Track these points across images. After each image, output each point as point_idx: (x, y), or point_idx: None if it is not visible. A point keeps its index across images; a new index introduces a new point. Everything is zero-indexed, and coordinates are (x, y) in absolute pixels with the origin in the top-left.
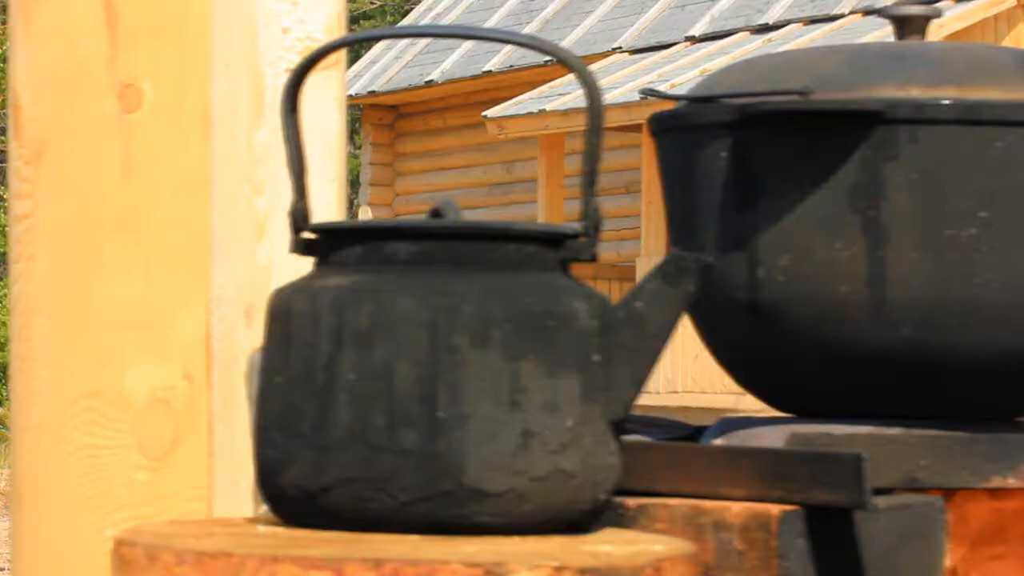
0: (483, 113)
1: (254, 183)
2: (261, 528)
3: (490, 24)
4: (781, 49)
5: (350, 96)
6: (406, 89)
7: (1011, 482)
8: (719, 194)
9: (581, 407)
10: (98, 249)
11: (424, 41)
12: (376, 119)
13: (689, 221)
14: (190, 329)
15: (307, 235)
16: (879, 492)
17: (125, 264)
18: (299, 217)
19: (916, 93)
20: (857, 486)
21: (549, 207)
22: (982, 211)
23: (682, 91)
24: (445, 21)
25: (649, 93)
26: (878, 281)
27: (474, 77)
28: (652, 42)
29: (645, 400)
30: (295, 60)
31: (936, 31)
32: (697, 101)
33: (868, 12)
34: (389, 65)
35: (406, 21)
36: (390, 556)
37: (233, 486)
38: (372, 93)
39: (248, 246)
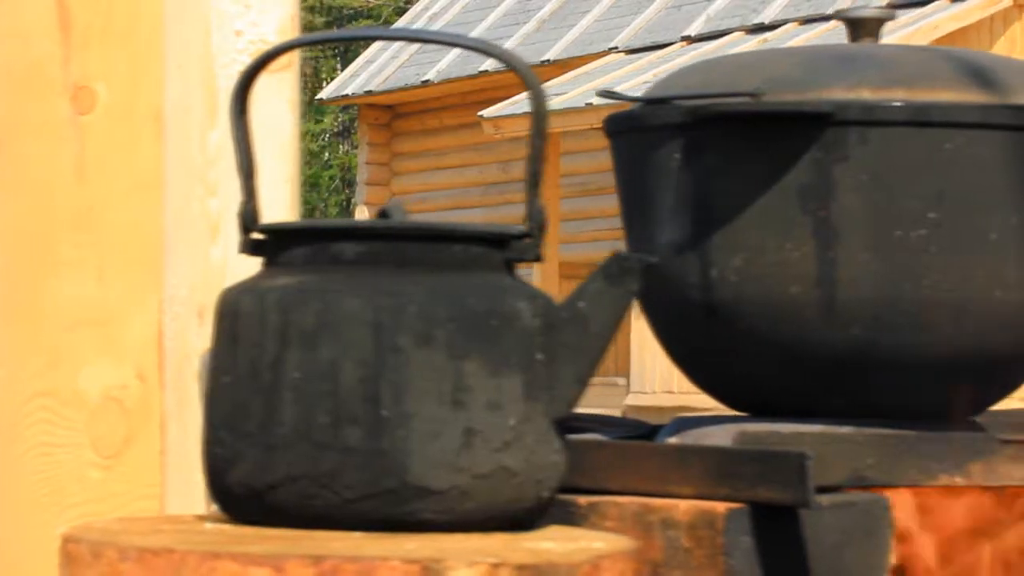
0: (479, 113)
1: (208, 184)
2: (208, 525)
3: (486, 24)
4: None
5: (347, 96)
6: (402, 89)
7: (958, 481)
8: (673, 195)
9: (524, 406)
10: (51, 249)
11: None
12: (372, 119)
13: (644, 221)
14: (143, 329)
15: (256, 235)
16: (826, 490)
17: (78, 264)
18: (248, 218)
19: (866, 95)
20: (801, 484)
21: (545, 207)
22: (931, 212)
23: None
24: (442, 21)
25: (605, 95)
26: (828, 282)
27: (470, 77)
28: (648, 42)
29: (643, 400)
30: (248, 62)
31: (931, 32)
32: (651, 103)
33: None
34: (385, 65)
35: (403, 21)
36: (330, 552)
37: (186, 484)
38: (368, 93)
39: (202, 246)
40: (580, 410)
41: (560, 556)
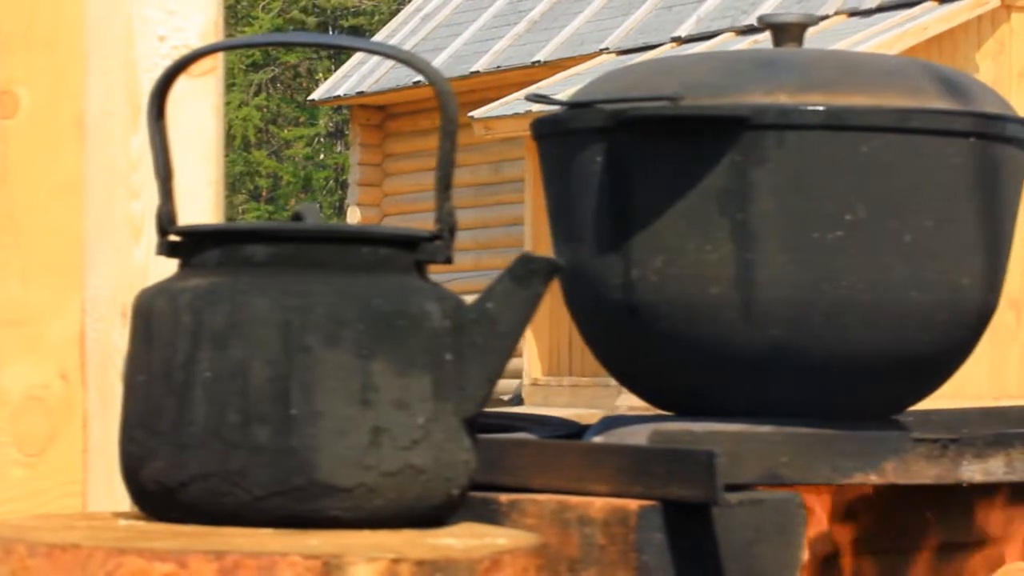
0: (470, 114)
1: (130, 187)
2: (122, 522)
3: (477, 25)
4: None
5: (339, 96)
6: (394, 90)
7: (872, 479)
8: (595, 197)
9: (433, 405)
10: None
11: (413, 41)
12: (364, 120)
13: (568, 223)
14: (65, 329)
15: (173, 237)
16: (740, 488)
17: (1, 266)
18: (165, 220)
19: (783, 99)
20: (710, 482)
21: (536, 207)
22: (848, 214)
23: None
24: (433, 22)
25: (534, 99)
26: (747, 283)
27: (462, 78)
28: (639, 43)
29: (635, 401)
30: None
31: (920, 33)
32: (575, 107)
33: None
34: (377, 66)
35: (395, 22)
36: (232, 548)
37: (108, 481)
38: (360, 94)
39: (125, 248)
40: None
41: (461, 552)
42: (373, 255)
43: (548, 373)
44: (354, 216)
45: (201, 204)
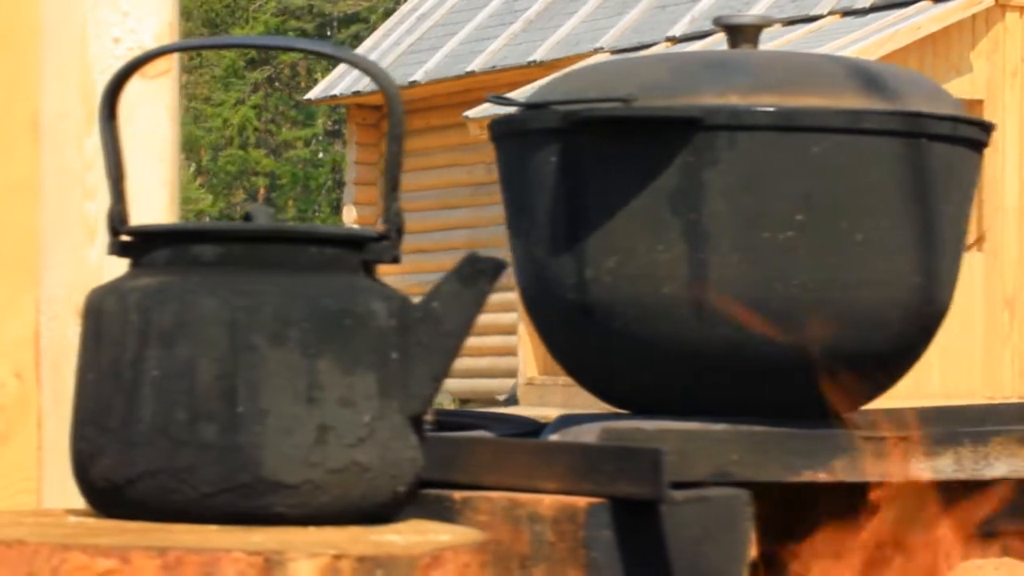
0: (465, 114)
1: (86, 188)
2: (72, 519)
3: (473, 24)
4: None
5: (335, 96)
6: None
7: (822, 476)
8: (550, 197)
9: (379, 403)
10: None
11: (408, 42)
12: (361, 119)
13: (524, 223)
14: (20, 329)
15: (124, 237)
16: (689, 486)
17: None
18: (116, 220)
19: (735, 100)
20: (656, 479)
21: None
22: (799, 214)
23: None
24: (430, 21)
25: (493, 100)
26: (699, 282)
27: (457, 77)
28: (634, 42)
29: None
30: None
31: (913, 33)
32: (531, 108)
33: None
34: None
35: (391, 22)
36: (175, 544)
37: (62, 479)
38: (356, 93)
39: (80, 248)
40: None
41: (402, 548)
42: (321, 255)
43: (543, 372)
44: (350, 215)
45: (156, 205)
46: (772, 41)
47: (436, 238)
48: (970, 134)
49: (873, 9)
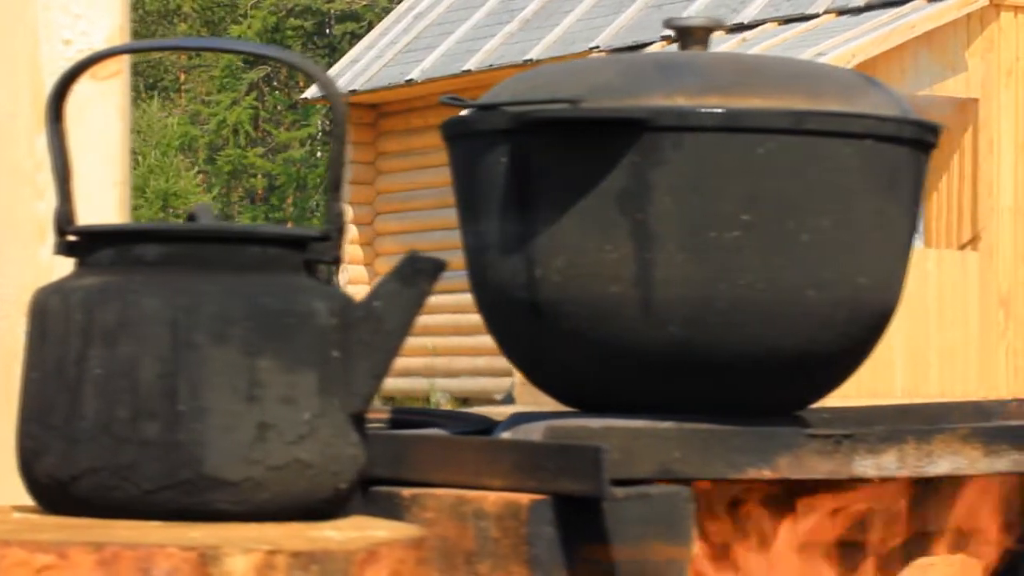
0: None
1: (36, 188)
2: (17, 515)
3: (470, 24)
4: (755, 49)
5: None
6: (386, 88)
7: (766, 474)
8: (500, 197)
9: (319, 401)
10: None
11: (404, 40)
12: (357, 118)
13: (476, 223)
14: None
15: (70, 237)
16: (633, 483)
17: None
18: (63, 220)
19: (681, 102)
20: (597, 476)
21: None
22: (745, 214)
23: None
24: (426, 20)
25: (447, 101)
26: (646, 282)
27: (453, 76)
28: (629, 41)
29: None
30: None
31: (907, 32)
32: (483, 109)
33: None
34: (370, 64)
35: (388, 20)
36: (112, 540)
37: (14, 476)
38: (353, 92)
39: (30, 248)
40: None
41: (337, 544)
42: (262, 255)
43: None
44: (347, 214)
45: (107, 205)
46: (767, 40)
47: (434, 237)
48: (916, 135)
49: (868, 8)
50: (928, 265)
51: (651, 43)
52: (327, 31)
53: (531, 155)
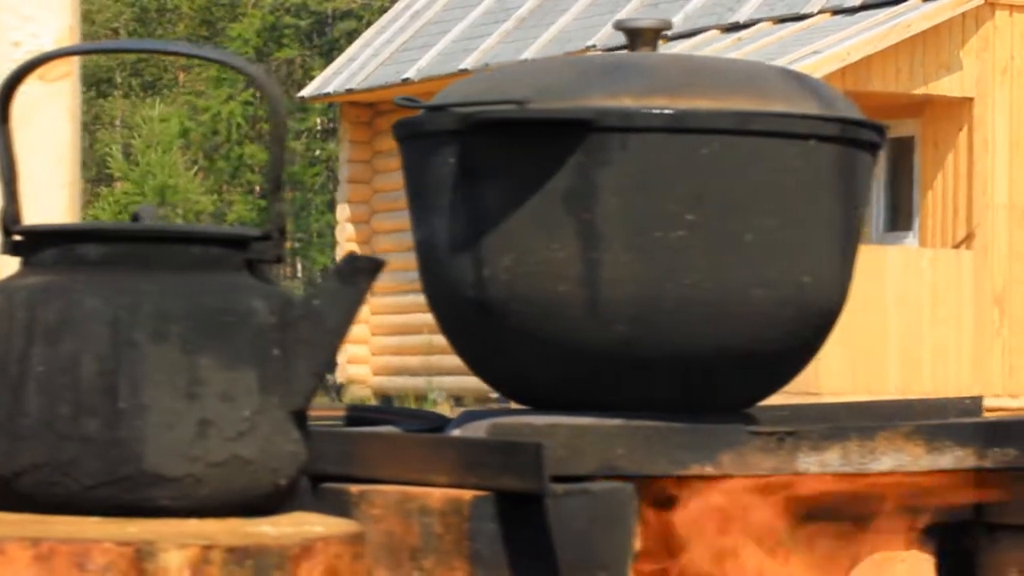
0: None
1: None
2: None
3: (466, 22)
4: (750, 47)
5: (328, 94)
6: (383, 87)
7: (709, 470)
8: (449, 197)
9: (259, 398)
10: None
11: (401, 39)
12: (354, 117)
13: (426, 223)
14: None
15: (16, 237)
16: (578, 479)
17: None
18: (9, 220)
19: (627, 102)
20: (537, 473)
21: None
22: (690, 214)
23: None
24: (423, 19)
25: (401, 102)
26: (592, 281)
27: (450, 75)
28: (625, 40)
29: None
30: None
31: (903, 31)
32: (432, 110)
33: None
34: (366, 63)
35: (385, 18)
36: (48, 535)
37: None
38: (350, 91)
39: None
40: None
41: (273, 539)
42: (203, 254)
43: None
44: (343, 212)
45: (56, 205)
46: (762, 39)
47: None
48: (861, 136)
49: (863, 7)
50: (923, 263)
51: None
52: (324, 30)
53: (479, 155)
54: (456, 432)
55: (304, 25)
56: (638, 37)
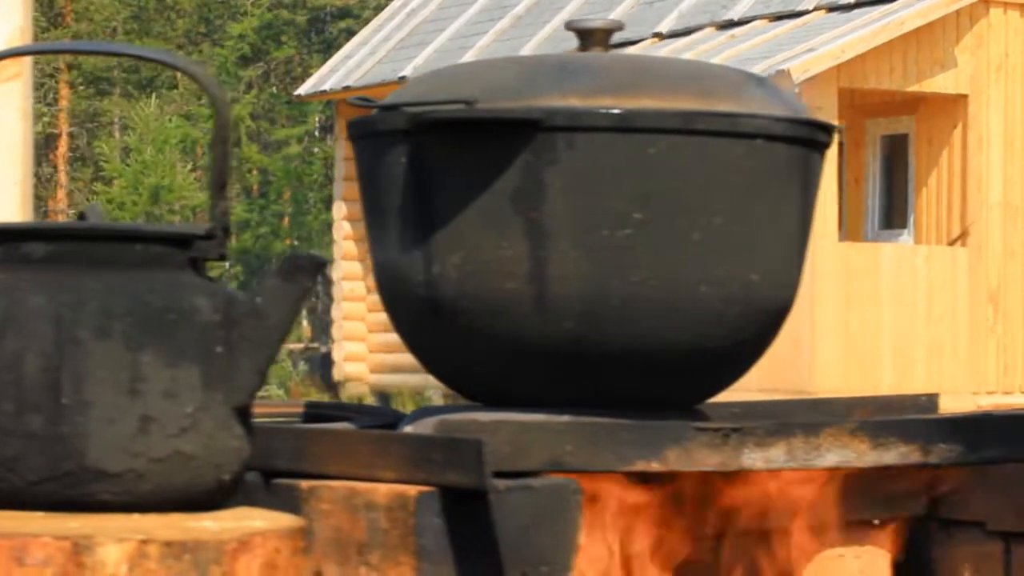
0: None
1: None
2: None
3: (463, 20)
4: (744, 45)
5: (325, 91)
6: (380, 84)
7: (654, 466)
8: (400, 196)
9: (202, 394)
10: None
11: (398, 37)
12: (351, 114)
13: (378, 222)
14: None
15: None
16: (524, 475)
17: None
18: None
19: (575, 102)
20: (479, 469)
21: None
22: (637, 213)
23: None
24: (419, 17)
25: (355, 102)
26: (540, 279)
27: None
28: (620, 39)
29: None
30: None
31: (897, 28)
32: (385, 109)
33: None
34: (363, 61)
35: (382, 17)
36: None
37: None
38: (346, 89)
39: None
40: None
41: (211, 534)
42: (147, 252)
43: None
44: (339, 210)
45: (7, 203)
46: (757, 36)
47: None
48: (807, 134)
49: (858, 5)
50: (917, 261)
51: (642, 40)
52: (322, 28)
53: (429, 155)
54: (408, 429)
55: (301, 23)
56: (589, 37)
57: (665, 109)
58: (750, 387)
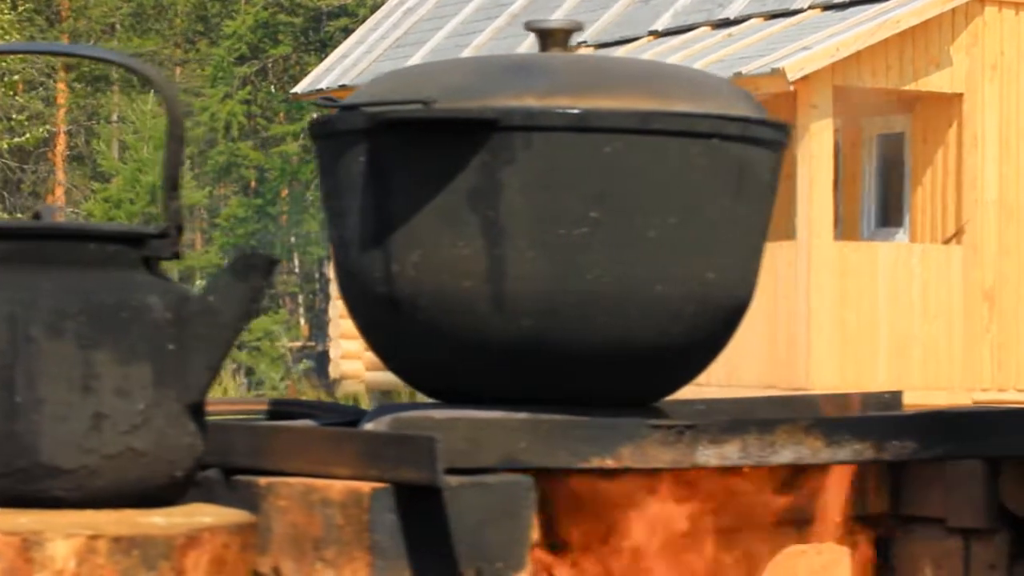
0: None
1: None
2: None
3: (459, 19)
4: (740, 43)
5: (321, 89)
6: None
7: (609, 463)
8: (359, 195)
9: (154, 392)
10: None
11: (395, 36)
12: None
13: (338, 221)
14: None
15: None
16: (479, 472)
17: None
18: None
19: (531, 102)
20: (431, 465)
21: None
22: (593, 212)
23: None
24: (417, 15)
25: (320, 102)
26: (497, 277)
27: None
28: (616, 37)
29: None
30: None
31: (892, 27)
32: (345, 109)
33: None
34: (360, 59)
35: (378, 15)
36: None
37: None
38: (343, 87)
39: None
40: None
41: (160, 529)
42: (100, 251)
43: None
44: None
45: None
46: (752, 35)
47: None
48: (763, 135)
49: (853, 3)
50: (912, 259)
51: (638, 38)
52: (319, 27)
53: (387, 154)
54: (368, 426)
55: (298, 22)
56: (549, 37)
57: (621, 109)
58: (748, 384)
